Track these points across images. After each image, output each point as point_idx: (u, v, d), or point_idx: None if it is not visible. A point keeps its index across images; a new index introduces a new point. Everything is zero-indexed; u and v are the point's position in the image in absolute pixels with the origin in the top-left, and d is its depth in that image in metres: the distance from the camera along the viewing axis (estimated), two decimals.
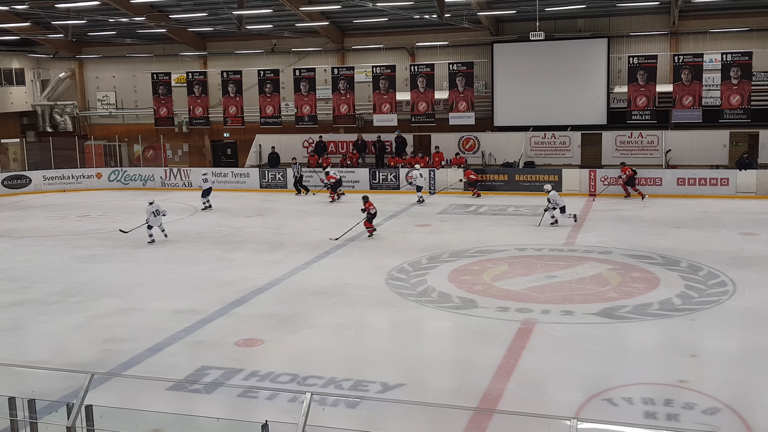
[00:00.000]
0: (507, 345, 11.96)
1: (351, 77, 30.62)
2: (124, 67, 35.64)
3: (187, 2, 28.37)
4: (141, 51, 34.57)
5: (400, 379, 10.74)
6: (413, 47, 31.17)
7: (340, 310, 14.14)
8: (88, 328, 13.42)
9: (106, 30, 31.69)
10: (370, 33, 31.49)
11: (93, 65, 36.25)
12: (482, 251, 18.52)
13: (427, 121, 29.86)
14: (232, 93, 32.14)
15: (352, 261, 17.85)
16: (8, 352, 12.27)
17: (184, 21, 30.42)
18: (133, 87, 35.59)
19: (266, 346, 12.34)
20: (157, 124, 33.71)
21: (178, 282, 16.22)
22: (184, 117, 33.72)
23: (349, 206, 25.77)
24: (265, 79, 31.58)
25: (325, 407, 9.51)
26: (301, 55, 32.66)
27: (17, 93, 35.39)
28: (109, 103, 36.11)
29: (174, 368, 11.39)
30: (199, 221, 23.81)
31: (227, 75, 32.18)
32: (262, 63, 32.69)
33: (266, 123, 31.89)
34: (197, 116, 33.19)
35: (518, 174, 27.82)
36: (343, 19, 30.35)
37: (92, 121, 36.72)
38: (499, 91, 30.09)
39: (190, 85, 32.98)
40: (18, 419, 7.09)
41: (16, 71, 35.28)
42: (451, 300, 14.52)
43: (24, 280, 16.83)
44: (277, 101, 31.66)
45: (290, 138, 32.06)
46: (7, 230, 22.60)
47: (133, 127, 35.45)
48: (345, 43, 32.17)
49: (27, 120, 36.52)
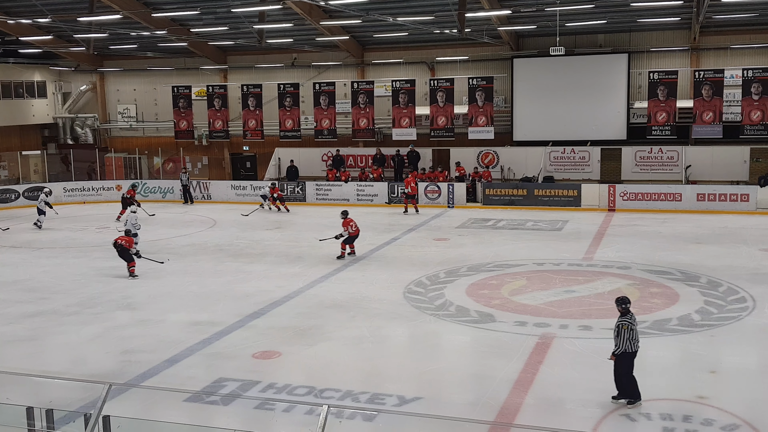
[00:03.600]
0: (525, 359, 11.92)
1: (371, 91, 30.74)
2: (144, 80, 35.98)
3: (209, 16, 28.61)
4: (162, 64, 34.90)
5: (417, 393, 10.73)
6: (433, 62, 31.25)
7: (358, 323, 14.13)
8: (107, 339, 13.49)
9: (128, 43, 32.02)
10: (390, 47, 31.61)
11: (114, 78, 36.64)
12: (500, 265, 18.46)
13: (447, 136, 29.89)
14: (252, 106, 32.34)
15: (370, 274, 17.86)
16: (27, 362, 12.36)
17: (205, 35, 30.69)
18: (153, 100, 35.91)
19: (283, 359, 12.36)
20: (177, 137, 33.97)
21: (197, 294, 16.29)
22: (204, 130, 33.96)
23: (369, 219, 25.79)
24: (285, 92, 31.76)
25: (342, 420, 9.48)
26: (321, 69, 32.83)
27: (39, 105, 35.81)
28: (130, 116, 36.44)
29: (191, 380, 11.42)
30: (217, 233, 23.91)
31: (247, 88, 32.40)
32: (282, 77, 32.89)
33: (285, 136, 32.05)
34: (217, 129, 33.42)
35: (537, 189, 27.73)
36: (363, 34, 30.49)
37: (113, 134, 37.07)
38: (519, 106, 30.07)
39: (210, 99, 33.24)
40: (36, 429, 7.12)
41: (38, 84, 35.71)
42: (468, 314, 14.48)
43: (43, 291, 16.97)
44: (297, 115, 31.82)
45: (309, 151, 32.20)
46: (28, 241, 22.81)
47: (153, 139, 35.73)
48: (365, 58, 32.31)
49: (48, 132, 36.91)
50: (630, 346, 10.03)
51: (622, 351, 10.04)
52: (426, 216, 26.39)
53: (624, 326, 10.05)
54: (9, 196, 30.61)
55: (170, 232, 23.89)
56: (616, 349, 10.10)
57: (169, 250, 20.11)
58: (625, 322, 10.09)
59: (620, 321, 10.15)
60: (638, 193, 26.27)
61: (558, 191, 27.36)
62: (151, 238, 22.61)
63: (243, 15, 27.58)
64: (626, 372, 10.08)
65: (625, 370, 10.09)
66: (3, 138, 34.07)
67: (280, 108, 31.87)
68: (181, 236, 23.35)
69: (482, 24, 27.19)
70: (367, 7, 25.49)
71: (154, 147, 34.80)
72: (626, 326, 10.04)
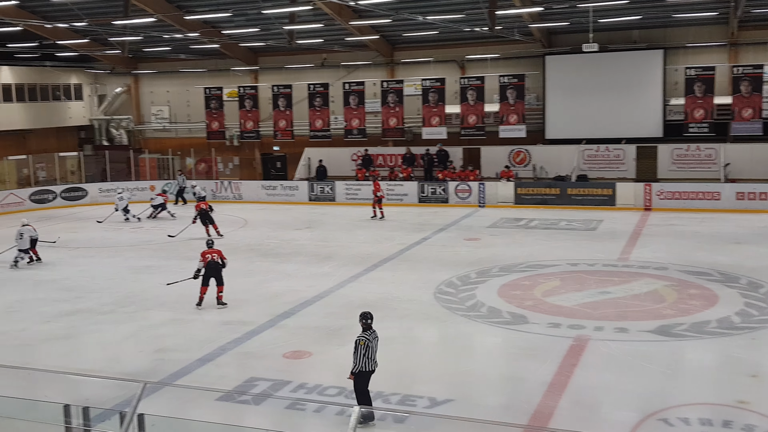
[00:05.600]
0: (558, 362, 11.74)
1: (400, 90, 30.66)
2: (177, 82, 36.30)
3: (240, 18, 28.76)
4: (194, 66, 35.18)
5: (448, 395, 10.63)
6: (463, 60, 31.06)
7: (388, 323, 14.01)
8: (140, 338, 13.60)
9: (161, 46, 32.32)
10: (419, 46, 31.50)
11: (148, 80, 37.01)
12: (533, 266, 18.24)
13: (477, 134, 29.69)
14: (282, 107, 32.45)
15: (401, 275, 17.76)
16: (64, 360, 12.50)
17: (236, 36, 30.86)
18: (186, 101, 36.21)
19: (314, 359, 12.33)
20: (209, 137, 34.22)
21: (228, 293, 16.28)
22: (235, 131, 34.17)
23: (399, 218, 25.74)
24: (314, 92, 31.82)
25: (373, 421, 9.42)
26: (350, 69, 32.83)
27: (76, 108, 36.32)
28: (163, 117, 36.79)
29: (223, 379, 11.44)
30: (249, 233, 24.01)
31: (278, 89, 32.51)
32: (312, 77, 32.95)
33: (315, 136, 32.11)
34: (248, 130, 33.59)
35: (570, 187, 27.41)
36: (392, 33, 30.41)
37: (146, 135, 37.45)
38: (551, 104, 29.76)
39: (241, 100, 33.43)
40: (73, 426, 7.20)
41: (74, 86, 36.22)
42: (500, 315, 14.31)
43: (79, 290, 17.17)
44: (327, 115, 31.85)
45: (339, 151, 32.21)
46: (64, 241, 23.08)
47: (185, 140, 36.03)
48: (394, 57, 32.23)
49: (84, 134, 37.43)
50: (366, 364, 9.63)
51: (357, 369, 9.63)
52: (457, 215, 26.22)
53: (360, 342, 9.66)
54: (47, 196, 31.07)
55: (202, 231, 23.98)
56: (354, 367, 9.69)
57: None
58: (362, 338, 9.71)
59: (359, 337, 9.76)
60: (675, 192, 25.84)
61: (592, 190, 27.01)
62: (184, 237, 22.76)
63: (273, 16, 27.67)
64: (361, 390, 9.69)
65: (360, 388, 9.69)
66: (41, 140, 34.63)
67: (310, 108, 31.93)
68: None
69: (513, 21, 26.96)
70: (397, 7, 25.43)
71: (187, 148, 35.08)
72: (363, 342, 9.65)
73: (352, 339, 13.10)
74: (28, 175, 32.45)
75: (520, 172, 29.33)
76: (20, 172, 32.68)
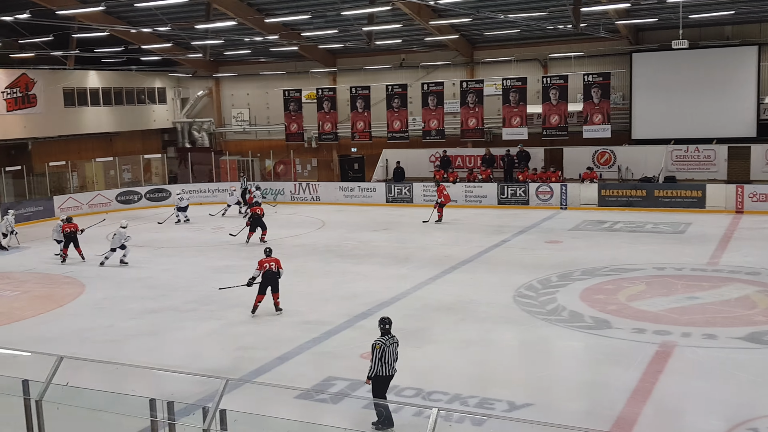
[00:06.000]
0: (643, 368, 11.40)
1: (480, 90, 30.36)
2: (257, 85, 36.93)
3: (319, 20, 29.03)
4: (273, 69, 35.71)
5: (527, 399, 10.43)
6: (546, 58, 30.51)
7: (466, 326, 13.89)
8: (222, 336, 13.84)
9: (242, 49, 32.95)
10: (500, 45, 31.09)
11: (229, 83, 37.79)
12: (617, 270, 17.73)
13: (560, 135, 29.13)
14: (360, 108, 32.60)
15: (479, 277, 17.55)
16: (149, 355, 12.85)
17: (315, 38, 31.18)
18: (265, 104, 36.79)
19: None
20: (288, 139, 34.67)
21: (306, 294, 16.45)
22: (314, 132, 34.52)
23: (478, 220, 25.50)
24: (393, 93, 31.84)
25: (451, 423, 9.30)
26: (429, 70, 32.70)
27: (159, 111, 37.41)
28: (243, 120, 37.49)
29: (301, 377, 11.52)
30: (326, 234, 24.18)
31: (356, 90, 32.68)
32: (391, 78, 32.97)
33: (393, 138, 32.12)
34: (326, 131, 33.89)
35: (658, 189, 26.55)
36: (473, 32, 30.13)
37: (227, 137, 38.23)
38: (638, 103, 28.89)
39: (319, 101, 33.76)
40: (158, 420, 7.37)
41: (158, 90, 37.31)
42: (582, 319, 13.97)
43: (163, 288, 17.62)
44: (405, 116, 31.83)
45: (416, 152, 32.12)
46: (148, 241, 23.76)
47: (265, 142, 36.61)
48: (474, 56, 31.93)
49: (168, 136, 38.51)
50: (381, 368, 9.55)
51: (373, 373, 9.59)
52: (537, 218, 25.77)
53: (376, 346, 9.60)
54: (132, 197, 32.10)
55: (280, 232, 24.32)
56: (370, 371, 9.66)
57: (279, 251, 20.42)
58: (378, 342, 9.64)
59: (375, 341, 9.71)
60: None
61: (680, 192, 26.10)
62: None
63: (352, 17, 27.82)
64: (377, 395, 9.53)
65: (377, 393, 9.53)
66: (127, 142, 35.80)
67: (388, 109, 31.96)
68: (290, 237, 23.74)
69: (599, 18, 26.30)
70: (478, 5, 25.16)
71: (266, 150, 35.65)
72: (378, 347, 9.58)
73: (429, 341, 13.11)
74: (114, 176, 33.61)
75: (604, 174, 28.59)
76: (107, 174, 33.87)
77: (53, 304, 16.64)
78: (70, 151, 33.08)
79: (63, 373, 7.52)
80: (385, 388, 9.75)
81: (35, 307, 16.40)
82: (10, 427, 7.82)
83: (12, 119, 30.06)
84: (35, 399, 7.46)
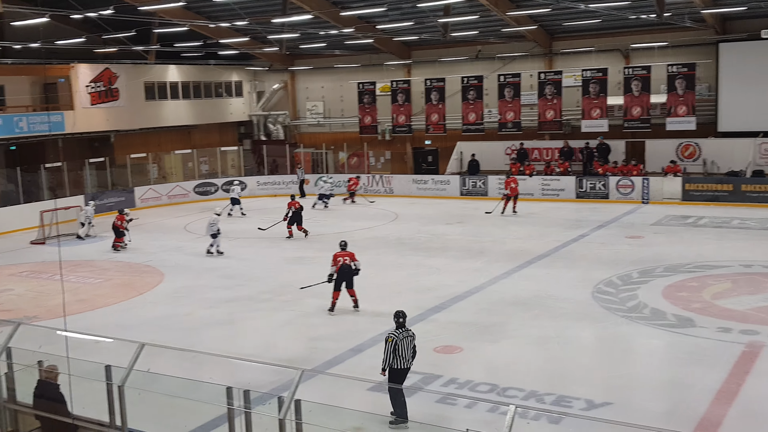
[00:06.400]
0: (728, 369, 11.04)
1: (558, 82, 29.75)
2: (331, 78, 37.12)
3: (394, 12, 28.93)
4: (348, 62, 35.82)
5: (606, 398, 10.20)
6: (627, 49, 29.64)
7: (543, 322, 13.63)
8: (295, 326, 13.97)
9: (317, 42, 33.14)
10: (580, 35, 30.36)
11: (303, 76, 38.12)
12: (702, 266, 17.11)
13: (642, 127, 28.28)
14: (435, 100, 32.38)
15: (556, 272, 17.20)
16: (225, 344, 13.06)
17: (390, 31, 31.10)
18: (339, 96, 36.95)
19: (465, 354, 12.15)
20: (362, 132, 34.73)
21: (379, 286, 16.42)
22: (388, 125, 34.48)
23: (555, 214, 25.03)
24: (468, 85, 31.50)
25: (528, 421, 9.12)
26: (506, 61, 32.21)
27: (236, 104, 38.05)
28: (318, 113, 37.77)
29: (374, 369, 11.42)
30: (399, 227, 24.12)
31: (430, 83, 32.48)
32: (466, 70, 32.62)
33: (468, 130, 31.79)
34: (400, 124, 33.80)
35: (745, 184, 25.54)
36: (551, 22, 29.51)
37: (302, 130, 38.58)
38: (725, 94, 27.77)
39: (393, 94, 33.68)
40: (234, 408, 7.46)
41: (235, 83, 37.95)
42: (665, 317, 13.55)
43: (239, 278, 17.90)
44: (480, 108, 31.45)
45: (491, 145, 31.71)
46: (224, 232, 24.07)
47: (338, 135, 36.78)
48: (553, 47, 31.29)
49: (244, 129, 39.14)
50: (395, 361, 9.60)
51: (387, 365, 9.67)
52: (617, 212, 25.10)
53: (388, 339, 9.69)
54: (209, 189, 32.74)
55: (354, 224, 24.40)
56: (383, 363, 9.71)
57: (351, 244, 20.48)
58: (391, 335, 9.71)
59: (388, 334, 9.82)
60: None
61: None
62: (335, 230, 23.20)
63: (428, 9, 27.61)
64: (392, 388, 9.52)
65: (391, 386, 9.55)
66: (204, 135, 36.54)
67: (463, 101, 31.65)
68: (363, 229, 23.78)
69: (683, 7, 25.38)
70: None
71: (340, 142, 35.82)
72: (390, 339, 9.65)
73: (504, 336, 12.90)
74: (192, 168, 34.34)
75: (688, 167, 27.61)
76: (185, 166, 34.65)
77: (134, 292, 17.11)
78: (150, 143, 33.96)
79: (144, 360, 7.67)
80: (400, 381, 9.73)
81: (117, 294, 16.91)
82: (93, 411, 8.01)
83: (96, 112, 31.03)
84: (118, 384, 7.63)
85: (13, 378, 8.67)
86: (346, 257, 14.56)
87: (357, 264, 14.60)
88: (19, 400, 8.67)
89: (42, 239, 23.40)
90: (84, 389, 8.00)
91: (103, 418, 7.87)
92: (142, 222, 25.67)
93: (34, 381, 8.37)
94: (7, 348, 8.47)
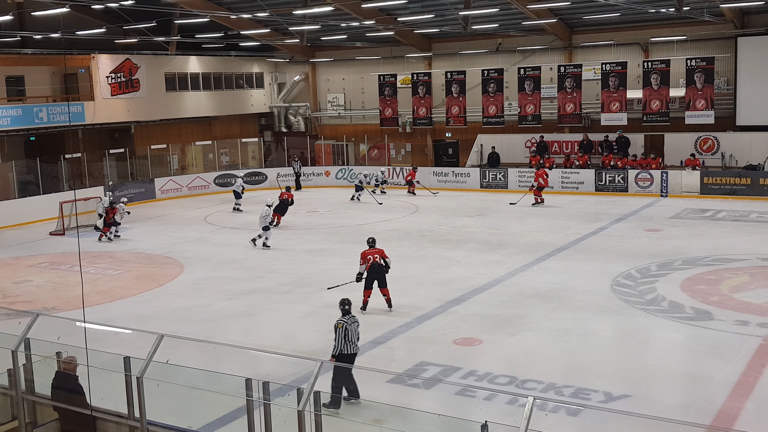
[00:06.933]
0: (746, 361, 11.05)
1: (578, 75, 29.64)
2: (352, 70, 37.17)
3: (415, 5, 28.93)
4: (369, 54, 35.85)
5: (624, 390, 10.25)
6: (647, 42, 29.47)
7: (562, 314, 13.66)
8: (315, 318, 14.04)
9: (338, 34, 33.20)
10: (600, 29, 30.23)
11: (324, 68, 38.20)
12: (720, 260, 17.06)
13: (661, 120, 28.13)
14: (455, 93, 32.37)
15: (575, 265, 17.21)
16: (244, 336, 13.20)
17: (411, 23, 31.10)
18: (360, 89, 37.02)
19: (484, 347, 12.21)
20: (382, 124, 34.80)
21: (399, 278, 16.45)
22: (408, 117, 34.51)
23: (574, 207, 24.99)
24: (488, 78, 31.47)
25: (547, 413, 9.17)
26: (526, 54, 32.12)
27: (257, 96, 38.19)
28: (338, 105, 37.85)
29: (394, 362, 11.59)
30: (419, 219, 24.18)
31: (451, 75, 32.46)
32: (486, 62, 32.57)
33: (488, 123, 31.76)
34: (420, 116, 33.82)
35: (763, 177, 25.37)
36: (571, 16, 29.39)
37: (322, 122, 38.69)
38: (744, 88, 27.57)
39: (414, 86, 33.70)
40: (253, 399, 7.46)
41: (256, 75, 38.08)
42: (683, 310, 13.54)
43: (259, 269, 18.04)
44: (500, 101, 31.40)
45: (511, 138, 31.67)
46: (245, 223, 24.36)
47: (359, 127, 36.87)
48: (573, 40, 31.16)
49: (264, 121, 39.29)
50: (345, 346, 9.96)
51: (338, 351, 9.95)
52: (636, 205, 25.02)
53: (339, 325, 10.00)
54: (230, 180, 32.91)
55: (374, 216, 24.50)
56: (334, 350, 10.01)
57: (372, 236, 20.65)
58: (341, 321, 10.04)
59: (337, 321, 10.10)
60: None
61: None
62: (356, 222, 23.33)
63: (449, 2, 27.61)
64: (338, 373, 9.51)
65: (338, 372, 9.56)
66: (225, 126, 36.75)
67: (484, 94, 31.62)
68: (384, 221, 23.87)
69: (702, 1, 25.19)
70: None
71: (360, 134, 35.90)
72: (341, 326, 9.99)
73: (523, 328, 12.96)
74: (212, 159, 34.55)
75: (707, 161, 27.49)
76: (206, 157, 34.87)
77: (153, 283, 17.28)
78: (171, 134, 34.18)
79: (163, 351, 7.68)
80: (350, 365, 9.95)
81: (137, 286, 17.07)
82: (111, 402, 8.06)
83: (116, 103, 31.23)
84: (136, 375, 7.65)
85: (31, 369, 8.66)
86: (375, 255, 13.97)
87: (388, 261, 14.08)
88: (37, 392, 8.67)
89: (61, 230, 23.61)
90: (102, 380, 8.03)
91: (121, 409, 7.90)
92: (162, 213, 25.89)
93: (52, 372, 8.41)
94: (25, 339, 8.50)
